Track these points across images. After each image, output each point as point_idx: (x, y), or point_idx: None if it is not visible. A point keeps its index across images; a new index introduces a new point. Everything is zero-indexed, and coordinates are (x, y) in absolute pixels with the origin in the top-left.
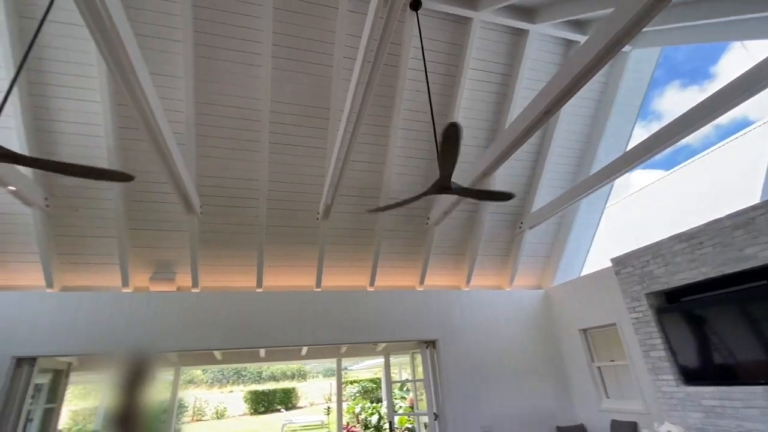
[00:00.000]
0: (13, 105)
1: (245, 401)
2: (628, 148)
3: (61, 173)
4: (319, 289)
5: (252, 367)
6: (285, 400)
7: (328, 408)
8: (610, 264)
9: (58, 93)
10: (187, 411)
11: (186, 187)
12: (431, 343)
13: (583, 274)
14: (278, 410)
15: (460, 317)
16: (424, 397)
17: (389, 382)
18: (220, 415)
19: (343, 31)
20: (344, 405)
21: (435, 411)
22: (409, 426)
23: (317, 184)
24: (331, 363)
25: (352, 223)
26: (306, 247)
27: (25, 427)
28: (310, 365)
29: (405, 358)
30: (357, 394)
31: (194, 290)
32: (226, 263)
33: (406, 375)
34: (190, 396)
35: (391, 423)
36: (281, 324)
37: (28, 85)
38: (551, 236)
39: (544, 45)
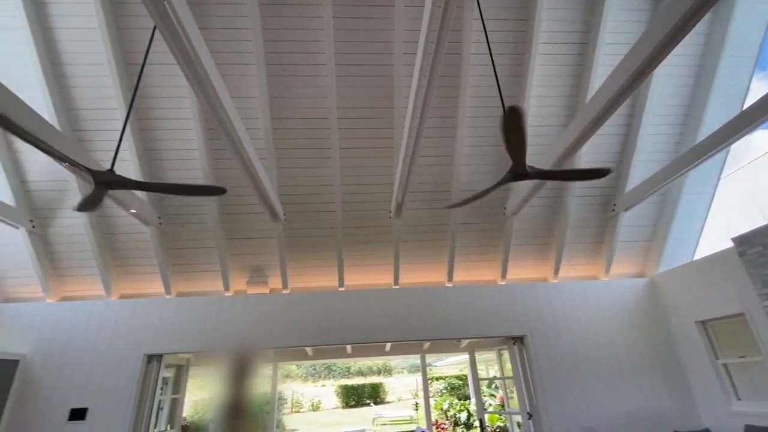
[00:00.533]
0: (128, 140)
1: (336, 395)
2: (746, 106)
3: (168, 193)
4: (397, 287)
5: (341, 362)
6: (373, 394)
7: (416, 404)
8: (731, 244)
9: (161, 125)
10: (286, 403)
11: (270, 197)
12: (519, 339)
13: (696, 257)
14: (367, 404)
15: (550, 311)
16: (515, 395)
17: (476, 380)
18: (315, 408)
19: (401, 27)
20: (431, 401)
21: (528, 410)
22: (501, 424)
23: (387, 183)
24: (415, 359)
25: (425, 220)
26: (381, 246)
27: (157, 414)
28: (395, 361)
29: (491, 355)
30: (444, 391)
31: (285, 291)
32: (311, 265)
33: (493, 372)
34: (288, 389)
35: (481, 421)
36: (364, 321)
37: (137, 122)
38: (653, 217)
39: (626, 1)
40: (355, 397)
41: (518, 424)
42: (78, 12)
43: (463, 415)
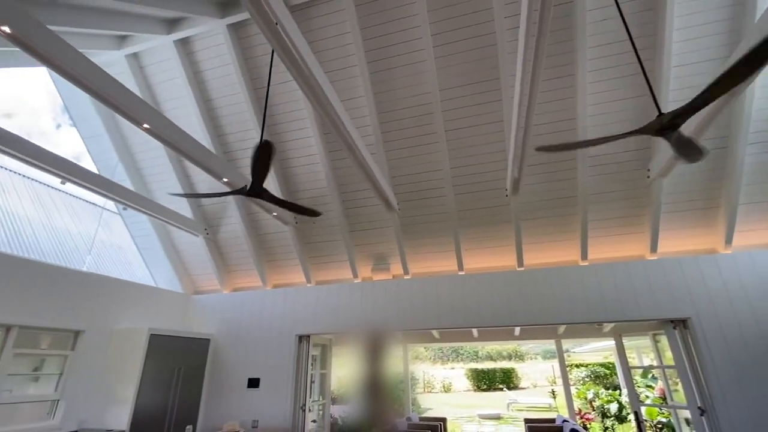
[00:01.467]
0: None
1: (467, 378)
2: None
3: (284, 207)
4: (522, 268)
5: (468, 346)
6: (505, 379)
7: (553, 391)
8: None
9: (287, 137)
10: (418, 383)
11: (383, 189)
12: (680, 323)
13: None
14: (500, 389)
15: (723, 289)
16: (679, 386)
17: (626, 368)
18: (446, 389)
19: None
20: (573, 390)
21: (700, 405)
22: (663, 419)
23: (500, 159)
24: (549, 345)
25: (548, 194)
26: (500, 226)
27: (310, 385)
28: (526, 346)
29: (644, 341)
30: (586, 379)
31: (406, 277)
32: (429, 250)
33: (648, 360)
34: (419, 370)
35: (637, 414)
36: (487, 304)
37: (269, 137)
38: None
39: None
40: (487, 381)
41: (686, 421)
42: (215, 54)
43: (613, 407)
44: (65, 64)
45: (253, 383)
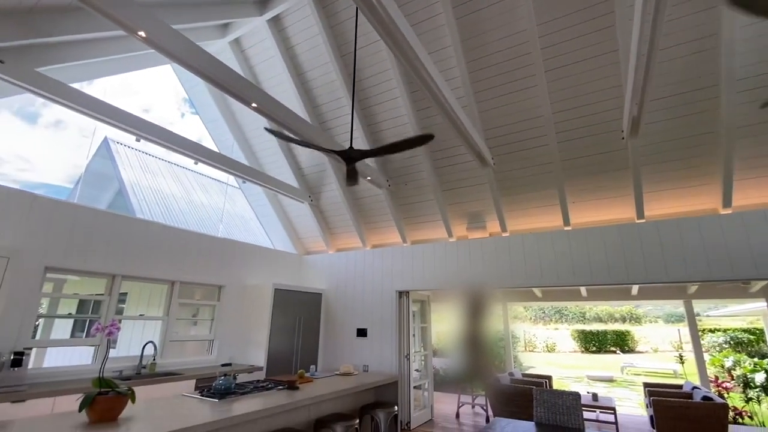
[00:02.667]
0: (357, 119)
1: (573, 339)
2: None
3: (393, 153)
4: (642, 220)
5: (573, 307)
6: (619, 342)
7: (681, 356)
8: None
9: (375, 101)
10: (518, 342)
11: (476, 143)
12: None
13: None
14: (613, 351)
15: None
16: None
17: None
18: (550, 349)
19: None
20: (706, 357)
21: None
22: None
23: (614, 96)
24: (674, 307)
25: (677, 131)
26: (615, 174)
27: (412, 337)
28: (644, 308)
29: None
30: (724, 345)
31: (504, 235)
32: (529, 206)
33: None
34: (519, 329)
35: None
36: (601, 261)
37: (357, 102)
38: None
39: None
40: (596, 342)
41: None
42: (304, 26)
43: (759, 376)
44: (189, 58)
45: (362, 333)
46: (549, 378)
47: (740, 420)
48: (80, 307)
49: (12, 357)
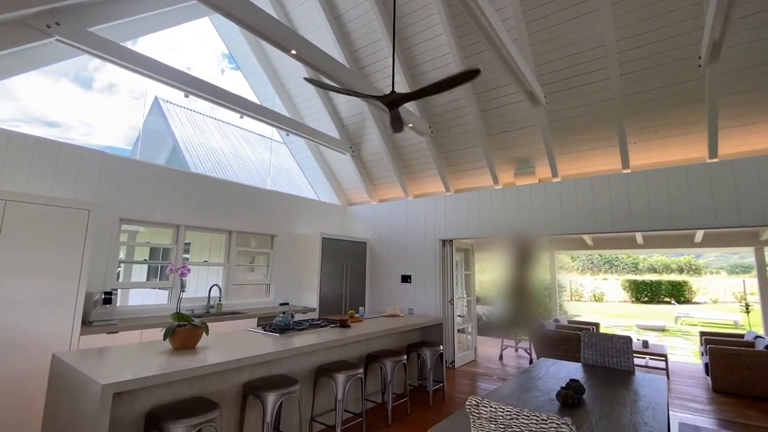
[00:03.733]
0: (397, 61)
1: (623, 288)
2: None
3: (436, 93)
4: (716, 159)
5: (625, 258)
6: (674, 292)
7: (747, 306)
8: None
9: (415, 40)
10: (565, 291)
11: (527, 80)
12: None
13: None
14: (667, 302)
15: None
16: None
17: None
18: (598, 299)
19: None
20: None
21: None
22: None
23: (690, 17)
24: (740, 257)
25: (764, 55)
26: (685, 108)
27: (455, 285)
28: (705, 258)
29: None
30: None
31: (555, 180)
32: (583, 148)
33: None
34: (565, 279)
35: None
36: (663, 206)
37: (398, 43)
38: None
39: None
40: (648, 292)
41: None
42: None
43: None
44: (231, 7)
45: (406, 279)
46: (596, 325)
47: None
48: (152, 254)
49: (102, 296)
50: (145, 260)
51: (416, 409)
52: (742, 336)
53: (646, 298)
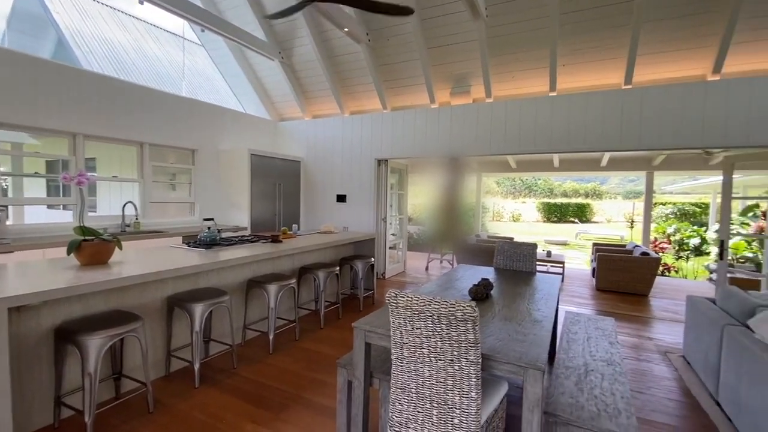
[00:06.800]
0: None
1: (538, 210)
2: None
3: (361, 8)
4: (629, 86)
5: (542, 182)
6: (578, 213)
7: (632, 222)
8: None
9: None
10: (488, 212)
11: None
12: None
13: None
14: (571, 221)
15: None
16: None
17: (728, 198)
18: (515, 219)
19: None
20: (653, 225)
21: None
22: (750, 254)
23: None
24: (634, 185)
25: None
26: (613, 32)
27: (389, 204)
28: (607, 185)
29: (759, 177)
30: (670, 216)
31: (488, 101)
32: (517, 68)
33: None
34: (489, 202)
35: (722, 242)
36: (580, 129)
37: None
38: None
39: None
40: (558, 213)
41: None
42: None
43: (694, 241)
44: None
45: (341, 198)
46: (511, 239)
47: (667, 273)
48: (50, 169)
49: None
50: (37, 173)
51: (347, 313)
52: (624, 246)
53: (555, 218)
